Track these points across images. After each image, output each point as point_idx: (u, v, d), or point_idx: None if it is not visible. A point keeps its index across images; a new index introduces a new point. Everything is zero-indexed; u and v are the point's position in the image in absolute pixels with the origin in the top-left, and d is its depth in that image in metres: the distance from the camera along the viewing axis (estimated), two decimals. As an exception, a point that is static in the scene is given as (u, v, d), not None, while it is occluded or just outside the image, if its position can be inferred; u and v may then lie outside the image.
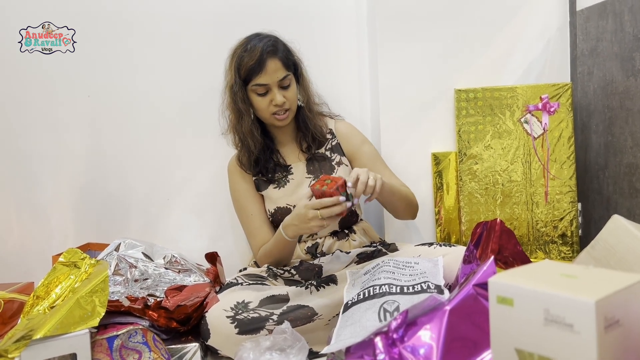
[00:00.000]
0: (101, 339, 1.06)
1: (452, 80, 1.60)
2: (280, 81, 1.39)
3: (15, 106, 1.64)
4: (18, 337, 0.99)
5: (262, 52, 1.36)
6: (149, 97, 1.69)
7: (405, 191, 1.43)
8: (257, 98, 1.40)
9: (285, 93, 1.40)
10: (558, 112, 1.55)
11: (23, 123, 1.65)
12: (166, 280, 1.34)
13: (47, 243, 1.66)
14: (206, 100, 1.63)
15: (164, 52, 1.68)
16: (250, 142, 1.45)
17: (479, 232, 1.12)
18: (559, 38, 1.62)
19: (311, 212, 1.18)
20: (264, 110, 1.41)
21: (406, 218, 1.49)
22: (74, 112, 1.66)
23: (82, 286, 1.11)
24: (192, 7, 1.67)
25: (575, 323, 0.65)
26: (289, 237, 1.28)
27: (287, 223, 1.28)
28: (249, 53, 1.37)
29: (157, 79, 1.69)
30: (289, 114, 1.43)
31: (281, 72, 1.39)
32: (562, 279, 0.72)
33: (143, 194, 1.70)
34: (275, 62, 1.38)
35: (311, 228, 1.21)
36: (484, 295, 0.89)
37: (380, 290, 1.06)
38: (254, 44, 1.38)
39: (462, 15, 1.60)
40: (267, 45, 1.38)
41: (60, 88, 1.65)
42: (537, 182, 1.56)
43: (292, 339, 1.05)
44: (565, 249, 1.56)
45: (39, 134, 1.66)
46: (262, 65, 1.36)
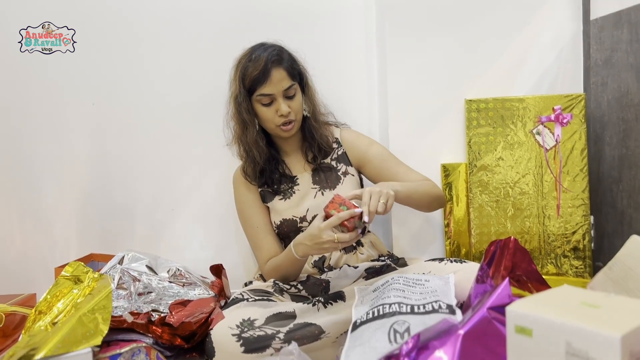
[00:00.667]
0: (104, 357, 1.04)
1: (462, 90, 1.58)
2: (285, 91, 1.36)
3: (16, 108, 1.63)
4: (20, 356, 0.97)
5: (266, 62, 1.34)
6: (152, 100, 1.67)
7: (425, 188, 1.38)
8: (262, 108, 1.38)
9: (290, 103, 1.38)
10: (571, 124, 1.51)
11: (25, 126, 1.63)
12: (170, 293, 1.31)
13: (49, 252, 1.64)
14: (212, 109, 1.61)
15: (166, 55, 1.66)
16: (256, 152, 1.43)
17: (493, 251, 1.09)
18: (572, 48, 1.59)
19: (325, 234, 1.16)
20: (269, 121, 1.39)
21: (433, 210, 1.45)
22: (76, 116, 1.65)
23: (85, 302, 1.09)
24: (198, 10, 1.65)
25: (599, 358, 0.62)
26: (298, 255, 1.26)
27: (298, 241, 1.25)
28: (254, 63, 1.35)
29: (160, 81, 1.66)
30: (295, 125, 1.41)
31: (286, 82, 1.36)
32: (583, 309, 0.69)
33: (148, 203, 1.68)
34: (280, 71, 1.35)
35: (324, 250, 1.19)
36: (498, 319, 0.86)
37: (390, 310, 1.03)
38: (258, 53, 1.36)
39: (473, 24, 1.57)
40: (271, 54, 1.35)
41: (61, 89, 1.64)
42: (549, 194, 1.53)
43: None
44: (578, 263, 1.53)
45: (41, 138, 1.64)
46: (266, 75, 1.34)
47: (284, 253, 1.33)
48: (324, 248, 1.18)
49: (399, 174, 1.42)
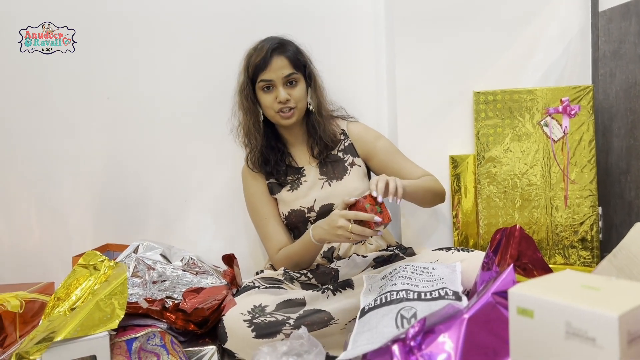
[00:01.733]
0: (120, 341, 1.07)
1: (470, 83, 1.59)
2: (285, 78, 1.40)
3: (34, 107, 1.66)
4: (39, 339, 1.01)
5: (268, 50, 1.39)
6: (164, 96, 1.70)
7: (428, 183, 1.41)
8: (262, 95, 1.42)
9: (290, 91, 1.41)
10: (579, 115, 1.52)
11: (43, 124, 1.67)
12: (184, 282, 1.35)
13: (66, 243, 1.68)
14: (223, 104, 1.63)
15: (168, 54, 1.69)
16: (256, 135, 1.47)
17: (498, 239, 1.11)
18: (580, 39, 1.60)
19: (341, 220, 1.17)
20: (268, 107, 1.43)
21: (433, 206, 1.48)
22: (92, 112, 1.68)
23: (102, 288, 1.13)
24: (205, 7, 1.68)
25: (597, 337, 0.64)
26: (315, 239, 1.28)
27: (317, 224, 1.28)
28: (257, 51, 1.41)
29: (172, 79, 1.70)
30: (295, 112, 1.43)
31: (287, 70, 1.40)
32: (584, 291, 0.71)
33: (161, 196, 1.72)
34: (281, 59, 1.40)
35: (338, 236, 1.19)
36: (503, 303, 0.88)
37: (397, 296, 1.05)
38: (262, 43, 1.42)
39: (481, 17, 1.58)
40: (274, 43, 1.41)
41: (74, 87, 1.67)
42: (557, 185, 1.54)
43: (309, 344, 1.04)
44: (585, 253, 1.54)
45: (58, 135, 1.68)
46: (267, 62, 1.39)
47: (300, 239, 1.37)
48: (337, 235, 1.19)
49: (405, 169, 1.45)
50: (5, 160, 1.67)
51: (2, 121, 1.66)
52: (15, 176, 1.68)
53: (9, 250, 1.68)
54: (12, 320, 1.26)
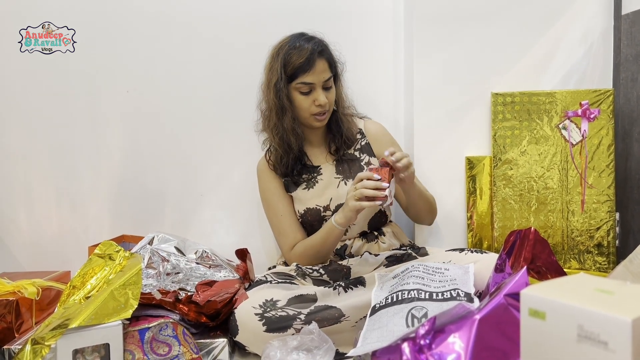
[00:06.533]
0: (133, 330, 1.09)
1: (489, 84, 1.58)
2: (324, 82, 1.40)
3: (55, 103, 1.70)
4: (54, 326, 1.03)
5: (312, 52, 1.37)
6: (184, 91, 1.72)
7: (430, 196, 1.47)
8: (299, 97, 1.40)
9: (327, 94, 1.41)
10: (598, 119, 1.50)
11: (63, 119, 1.71)
12: (197, 274, 1.36)
13: (84, 233, 1.71)
14: (241, 99, 1.65)
15: (197, 49, 1.71)
16: (293, 139, 1.43)
17: (512, 241, 1.10)
18: (602, 43, 1.58)
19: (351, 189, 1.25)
20: (305, 109, 1.41)
21: (425, 223, 1.53)
22: (112, 107, 1.71)
23: (116, 278, 1.14)
24: (234, 6, 1.70)
25: (610, 341, 0.63)
26: (337, 223, 1.31)
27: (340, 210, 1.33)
28: (298, 51, 1.38)
29: (192, 74, 1.72)
30: (327, 115, 1.44)
31: (327, 73, 1.40)
32: (597, 294, 0.70)
33: (178, 189, 1.74)
34: (323, 62, 1.39)
35: (351, 207, 1.25)
36: (515, 305, 0.88)
37: (408, 296, 1.05)
38: (302, 42, 1.39)
39: (502, 17, 1.57)
40: (317, 45, 1.39)
41: (93, 82, 1.69)
42: (574, 190, 1.53)
43: (319, 340, 1.05)
44: (601, 259, 1.52)
45: (78, 129, 1.71)
46: (311, 64, 1.37)
47: (321, 228, 1.38)
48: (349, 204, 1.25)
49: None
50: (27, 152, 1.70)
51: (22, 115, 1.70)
52: (36, 168, 1.71)
53: (28, 239, 1.72)
54: (28, 307, 1.29)
